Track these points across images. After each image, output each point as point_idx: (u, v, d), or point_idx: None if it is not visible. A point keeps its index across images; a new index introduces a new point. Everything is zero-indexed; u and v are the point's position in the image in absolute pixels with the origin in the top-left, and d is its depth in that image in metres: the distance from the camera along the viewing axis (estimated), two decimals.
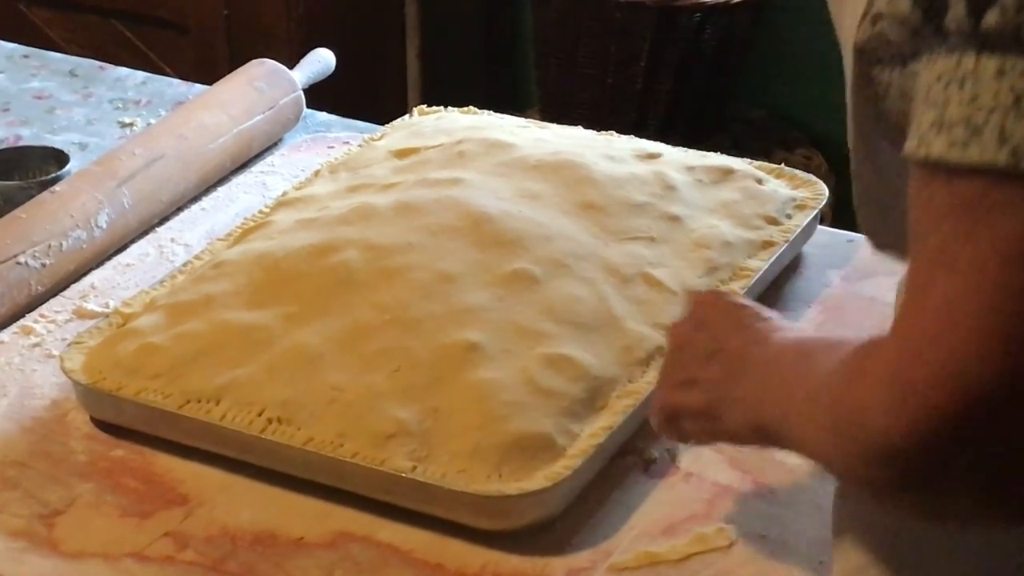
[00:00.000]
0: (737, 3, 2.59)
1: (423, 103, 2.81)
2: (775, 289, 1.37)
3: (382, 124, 1.61)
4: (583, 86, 2.71)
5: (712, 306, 1.03)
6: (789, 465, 1.17)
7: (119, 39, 2.84)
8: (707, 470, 1.17)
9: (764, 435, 0.92)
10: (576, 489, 1.12)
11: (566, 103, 2.74)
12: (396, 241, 1.29)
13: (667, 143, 1.55)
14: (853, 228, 2.99)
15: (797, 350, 0.93)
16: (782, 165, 1.49)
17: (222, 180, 1.59)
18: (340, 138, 1.65)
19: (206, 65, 2.62)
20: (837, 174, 2.80)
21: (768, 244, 1.36)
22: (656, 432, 1.06)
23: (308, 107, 1.76)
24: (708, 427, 0.99)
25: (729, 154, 2.75)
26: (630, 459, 1.18)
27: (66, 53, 2.70)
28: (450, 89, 2.90)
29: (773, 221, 1.39)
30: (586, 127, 1.57)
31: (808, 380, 0.85)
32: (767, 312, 1.01)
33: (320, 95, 1.90)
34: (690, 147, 1.50)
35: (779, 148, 2.79)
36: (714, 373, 0.98)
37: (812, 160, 2.78)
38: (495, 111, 1.61)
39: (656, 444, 1.19)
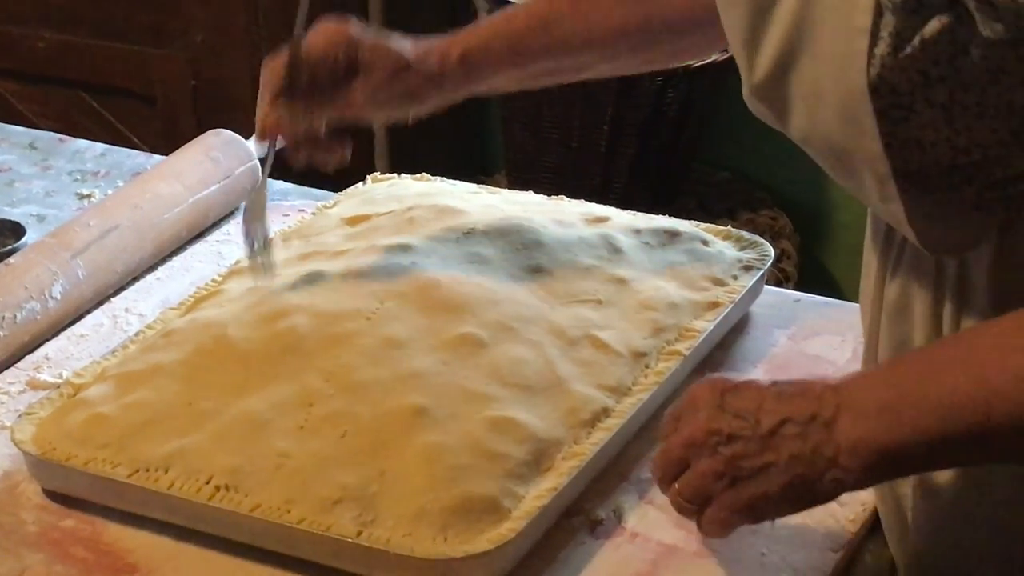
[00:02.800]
0: (698, 67, 2.62)
1: (392, 169, 2.84)
2: (722, 349, 1.39)
3: None
4: (548, 150, 2.74)
5: (716, 393, 1.04)
6: None
7: (87, 111, 2.86)
8: (653, 530, 1.18)
9: (906, 453, 0.96)
10: (521, 551, 1.13)
11: (532, 167, 2.77)
12: (343, 307, 1.30)
13: (631, 205, 1.56)
14: (818, 285, 3.01)
15: (929, 357, 1.00)
16: (729, 227, 1.51)
17: (178, 249, 1.60)
18: (296, 206, 1.66)
19: (173, 135, 2.64)
20: (802, 234, 2.82)
21: (714, 305, 1.37)
22: (713, 536, 1.06)
23: (276, 175, 1.77)
24: (803, 499, 1.01)
25: (694, 215, 2.78)
26: (576, 520, 1.19)
27: (35, 125, 2.73)
28: (418, 155, 2.92)
29: (719, 282, 1.40)
30: (551, 190, 1.58)
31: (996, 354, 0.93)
32: (756, 380, 1.05)
33: (287, 162, 1.92)
34: (655, 209, 1.52)
35: (744, 209, 2.82)
36: (791, 446, 0.99)
37: (777, 221, 2.80)
38: (463, 176, 1.63)
39: (602, 505, 1.20)
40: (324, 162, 1.35)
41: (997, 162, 0.98)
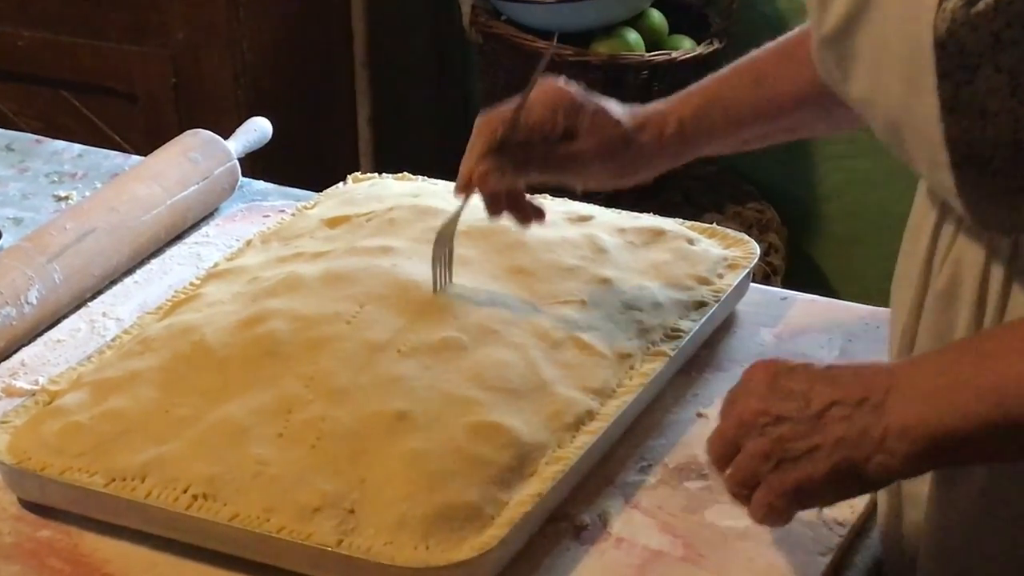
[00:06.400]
0: (683, 60, 2.60)
1: (375, 168, 2.81)
2: (708, 349, 1.37)
3: None
4: None
5: (769, 375, 1.02)
6: (720, 528, 1.17)
7: (68, 109, 2.84)
8: (638, 535, 1.16)
9: (956, 439, 0.95)
10: (505, 558, 1.12)
11: None
12: (323, 311, 1.28)
13: (617, 199, 1.54)
14: (806, 278, 2.98)
15: (982, 344, 0.99)
16: (714, 225, 1.49)
17: (156, 252, 1.58)
18: (276, 207, 1.64)
19: (155, 133, 2.61)
20: (789, 227, 2.81)
21: (699, 304, 1.36)
22: (765, 523, 1.03)
23: (259, 175, 1.75)
24: (850, 484, 0.99)
25: (681, 209, 2.74)
26: (561, 525, 1.17)
27: (15, 124, 2.71)
28: (403, 152, 2.90)
29: (704, 281, 1.39)
30: (536, 187, 1.56)
31: None
32: (812, 363, 1.03)
33: (271, 163, 1.90)
34: (641, 203, 1.49)
35: (731, 203, 2.80)
36: (838, 429, 0.98)
37: (764, 214, 2.79)
38: (448, 172, 1.60)
39: (587, 510, 1.18)
40: (516, 221, 1.33)
41: None
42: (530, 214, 1.32)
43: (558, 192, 1.56)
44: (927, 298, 1.13)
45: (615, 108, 1.30)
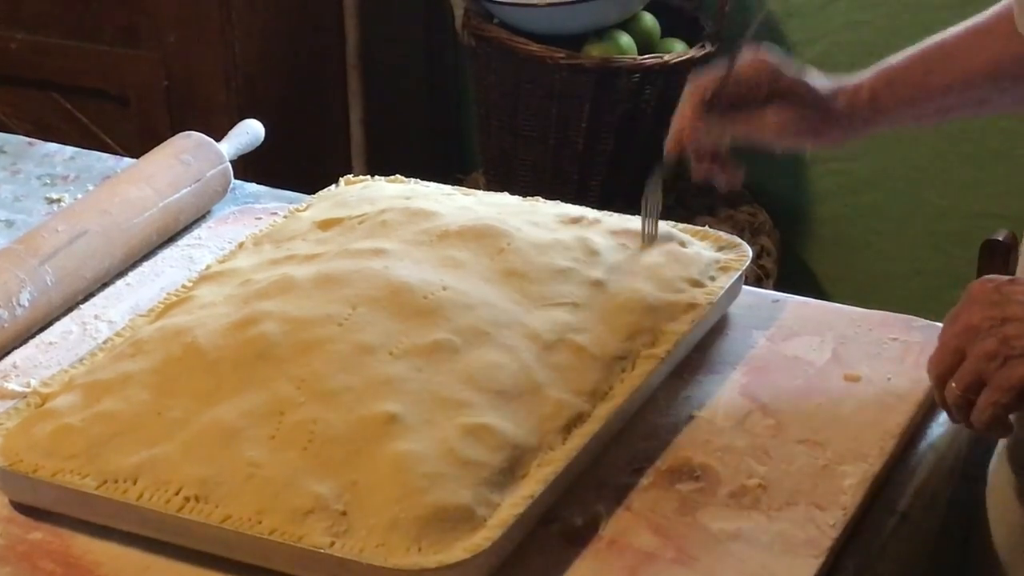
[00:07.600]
0: (675, 63, 2.61)
1: (368, 169, 2.80)
2: (700, 351, 1.37)
3: None
4: (526, 148, 2.72)
5: (992, 287, 1.09)
6: (712, 530, 1.17)
7: (60, 112, 2.84)
8: (630, 537, 1.16)
9: None
10: (497, 560, 1.12)
11: (509, 166, 2.75)
12: (315, 313, 1.28)
13: (610, 202, 1.54)
14: (798, 281, 2.97)
15: None
16: (706, 228, 1.49)
17: (148, 255, 1.58)
18: (268, 209, 1.64)
19: (147, 136, 2.62)
20: (781, 230, 2.81)
21: (692, 307, 1.36)
22: (988, 428, 1.09)
23: (251, 178, 1.75)
24: None
25: (673, 212, 2.74)
26: (553, 527, 1.17)
27: (8, 127, 2.70)
28: (395, 154, 2.90)
29: (697, 283, 1.39)
30: (529, 188, 1.56)
31: None
32: None
33: (263, 165, 1.90)
34: (633, 206, 1.50)
35: (723, 205, 2.80)
36: None
37: (757, 216, 2.79)
38: (441, 174, 1.61)
39: (579, 512, 1.18)
40: (719, 179, 1.44)
41: None
42: (732, 173, 1.43)
43: (553, 192, 1.57)
44: None
45: (813, 77, 1.40)
